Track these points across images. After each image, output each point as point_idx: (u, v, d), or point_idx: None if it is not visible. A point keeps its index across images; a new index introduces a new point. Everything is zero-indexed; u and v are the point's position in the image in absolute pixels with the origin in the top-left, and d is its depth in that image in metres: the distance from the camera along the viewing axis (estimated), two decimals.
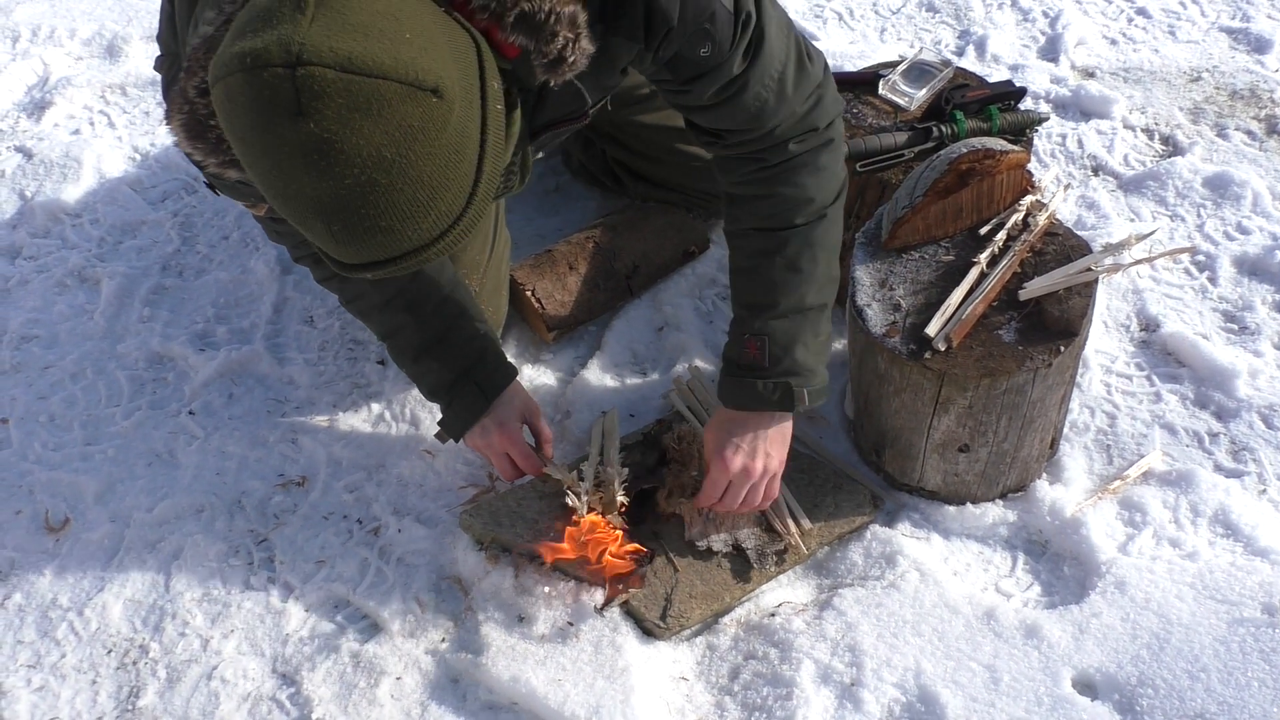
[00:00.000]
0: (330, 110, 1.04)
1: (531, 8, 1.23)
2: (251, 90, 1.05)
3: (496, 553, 1.87)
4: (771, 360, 1.71)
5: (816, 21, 3.01)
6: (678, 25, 1.43)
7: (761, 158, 1.67)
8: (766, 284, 1.72)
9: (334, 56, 1.03)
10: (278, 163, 1.08)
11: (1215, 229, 2.38)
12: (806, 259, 1.71)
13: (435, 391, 1.87)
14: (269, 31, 1.05)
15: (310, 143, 1.05)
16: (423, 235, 1.14)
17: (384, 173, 1.07)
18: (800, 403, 1.73)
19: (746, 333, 1.73)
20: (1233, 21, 2.92)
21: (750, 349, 1.72)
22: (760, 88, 1.58)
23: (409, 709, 1.73)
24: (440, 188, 1.12)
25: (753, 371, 1.72)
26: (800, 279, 1.71)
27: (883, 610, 1.77)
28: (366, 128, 1.05)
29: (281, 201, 1.13)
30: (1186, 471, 1.94)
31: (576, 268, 2.20)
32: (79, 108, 2.84)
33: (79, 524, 1.98)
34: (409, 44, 1.07)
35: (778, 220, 1.70)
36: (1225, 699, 1.64)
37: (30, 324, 2.32)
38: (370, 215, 1.09)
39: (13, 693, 1.77)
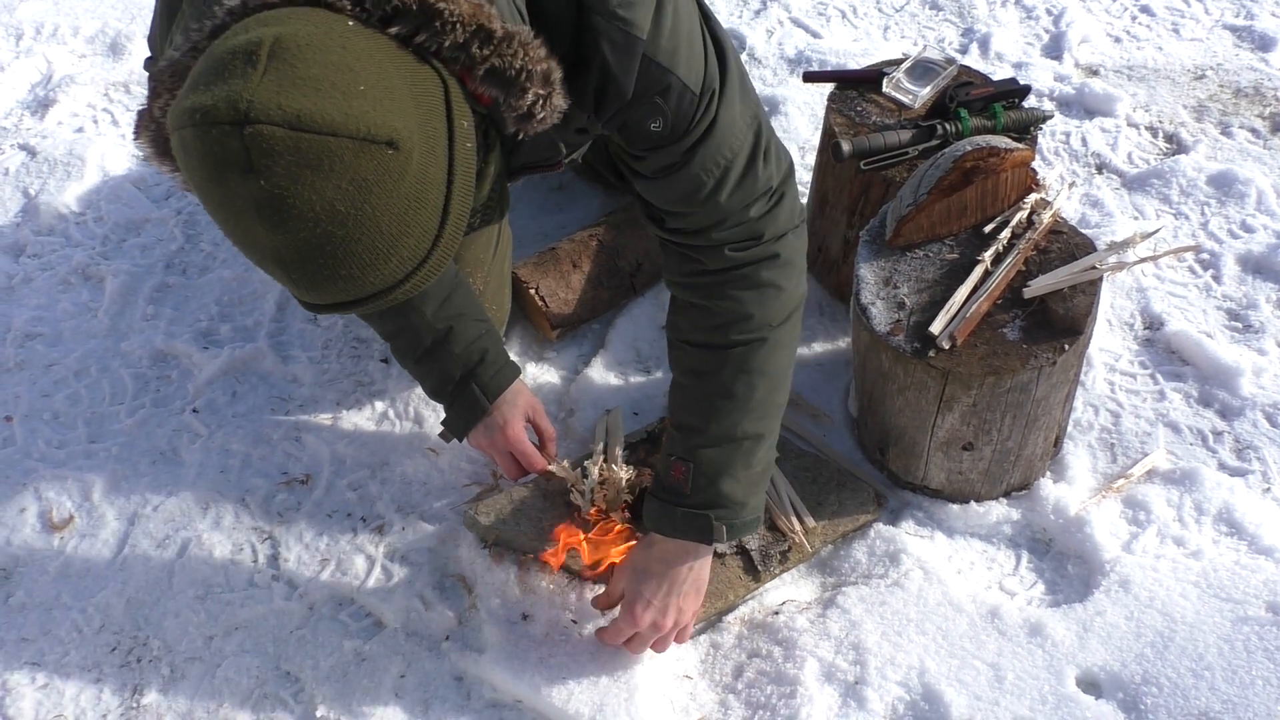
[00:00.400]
0: (280, 167, 1.02)
1: (502, 64, 1.20)
2: (203, 146, 1.04)
3: (500, 551, 1.87)
4: (695, 488, 1.62)
5: (820, 20, 3.01)
6: (629, 101, 1.40)
7: (699, 260, 1.60)
8: (698, 407, 1.63)
9: (282, 114, 1.02)
10: (233, 215, 1.07)
11: (1219, 227, 2.38)
12: (742, 385, 1.61)
13: (438, 391, 1.87)
14: (220, 86, 1.04)
15: (262, 199, 1.04)
16: (386, 279, 1.13)
17: (339, 225, 1.06)
18: (718, 537, 1.62)
19: (673, 454, 1.65)
20: (1237, 19, 2.92)
21: (675, 472, 1.64)
22: (700, 170, 1.51)
23: (412, 707, 1.73)
24: (400, 235, 1.10)
25: (674, 495, 1.64)
26: (733, 405, 1.61)
27: (887, 609, 1.77)
28: (318, 183, 1.03)
29: (242, 248, 1.12)
30: (1190, 470, 1.94)
31: (580, 265, 2.20)
32: (82, 105, 2.84)
33: (83, 521, 1.98)
34: (362, 96, 1.05)
35: (714, 336, 1.62)
36: (1229, 697, 1.64)
37: (34, 321, 2.33)
38: (329, 265, 1.08)
39: (17, 690, 1.77)
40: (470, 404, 1.83)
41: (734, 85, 1.50)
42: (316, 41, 1.06)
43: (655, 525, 1.67)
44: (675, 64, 1.40)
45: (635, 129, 1.47)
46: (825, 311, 2.25)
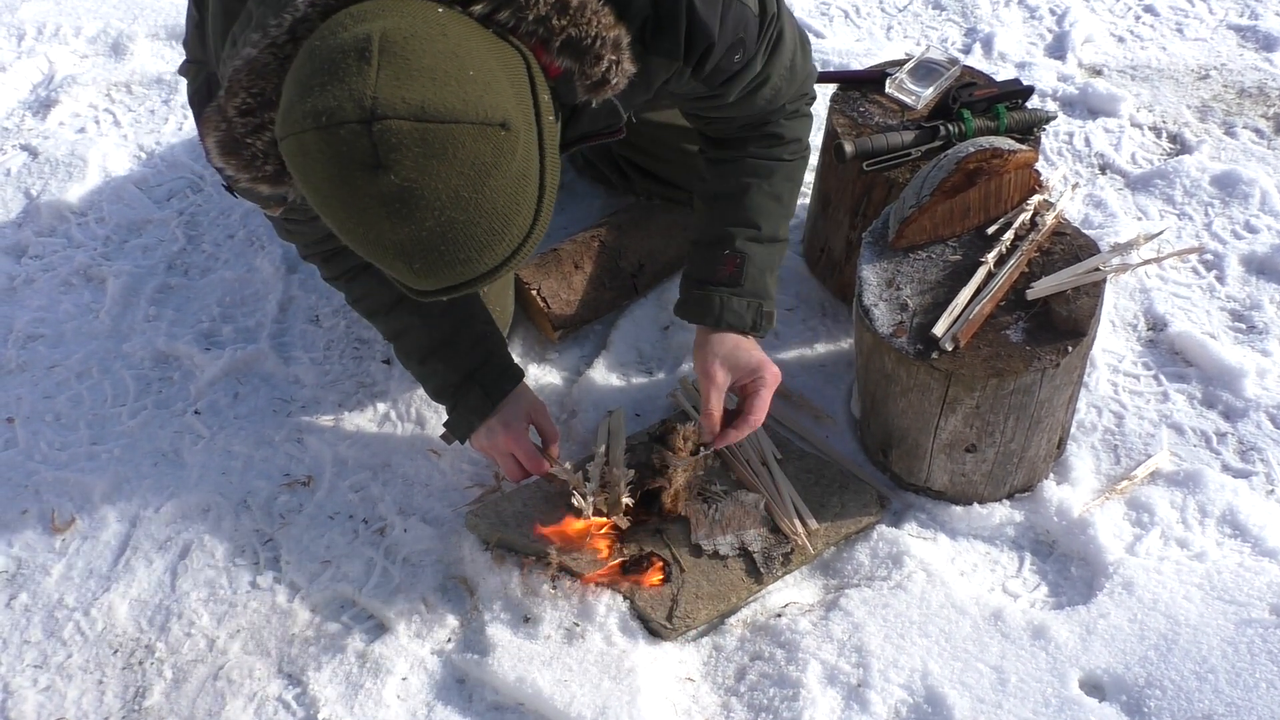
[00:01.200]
0: (408, 160, 1.06)
1: (578, 33, 1.25)
2: (328, 147, 1.07)
3: (502, 553, 1.87)
4: (747, 279, 1.77)
5: (822, 19, 3.01)
6: (717, 41, 1.46)
7: (765, 119, 1.79)
8: (751, 207, 1.79)
9: (407, 107, 1.05)
10: (357, 213, 1.10)
11: (1223, 228, 2.37)
12: (787, 192, 1.82)
13: (441, 393, 1.87)
14: (338, 86, 1.06)
15: (390, 193, 1.07)
16: (498, 258, 1.17)
17: (461, 210, 1.10)
18: (769, 324, 1.80)
19: (727, 249, 1.77)
20: (1241, 19, 2.91)
21: (728, 265, 1.77)
22: (777, 78, 1.68)
23: (415, 709, 1.72)
24: (512, 213, 1.15)
25: (726, 286, 1.77)
26: (779, 209, 1.81)
27: (889, 611, 1.77)
28: (443, 171, 1.07)
29: (360, 245, 1.15)
30: (1194, 471, 1.94)
31: (582, 266, 2.19)
32: (84, 106, 2.84)
33: (85, 523, 1.98)
34: (474, 82, 1.09)
35: (769, 153, 1.80)
36: (1233, 700, 1.64)
37: (36, 323, 2.32)
38: (449, 250, 1.12)
39: (19, 693, 1.77)
40: (474, 405, 1.83)
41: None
42: (420, 31, 1.09)
43: (708, 315, 1.78)
44: None
45: (719, 68, 1.55)
46: (828, 312, 2.25)
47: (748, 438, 1.97)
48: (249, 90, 1.21)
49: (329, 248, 1.78)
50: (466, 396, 1.83)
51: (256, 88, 1.21)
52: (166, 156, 2.67)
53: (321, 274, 1.88)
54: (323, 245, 1.78)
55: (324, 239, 1.75)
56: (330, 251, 1.78)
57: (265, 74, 1.20)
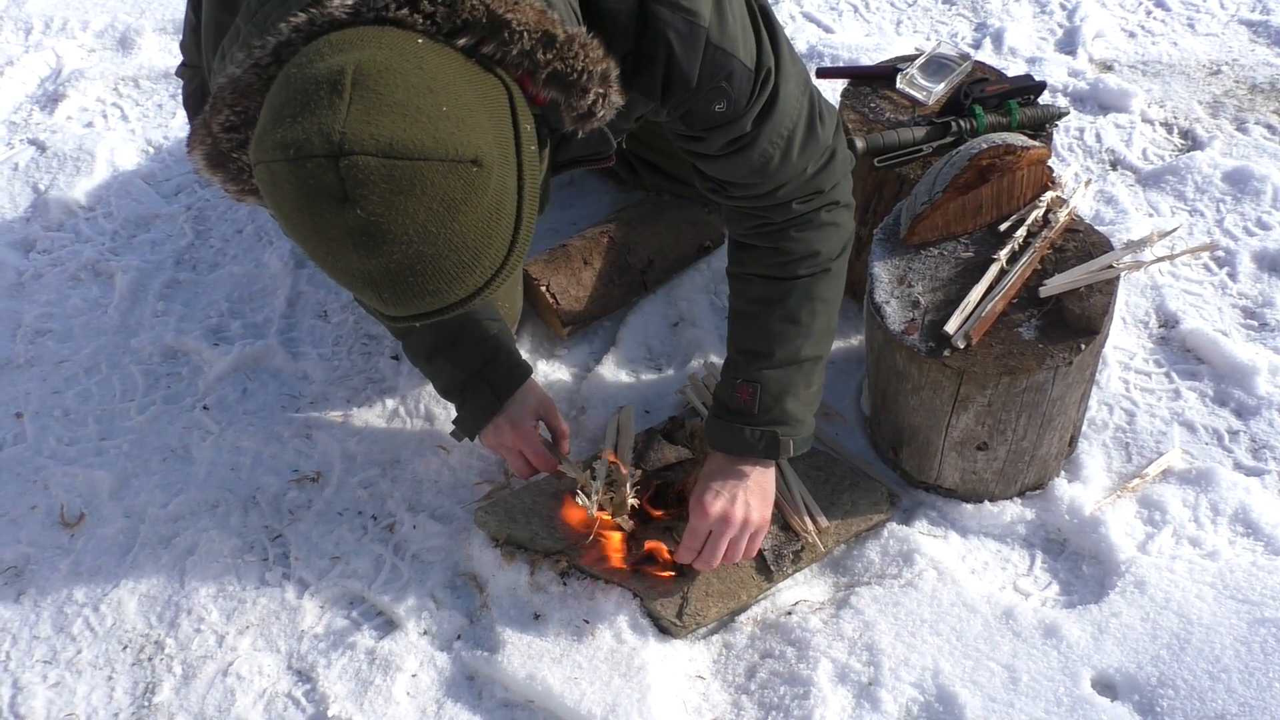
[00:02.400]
0: (375, 195, 1.05)
1: (564, 67, 1.23)
2: (295, 179, 1.06)
3: (512, 550, 1.87)
4: (761, 408, 1.71)
5: (832, 14, 2.99)
6: (695, 87, 1.44)
7: (765, 215, 1.68)
8: (764, 333, 1.72)
9: (375, 144, 1.04)
10: (325, 242, 1.10)
11: (1235, 224, 2.36)
12: (806, 312, 1.71)
13: (449, 390, 1.86)
14: (309, 119, 1.05)
15: (357, 227, 1.07)
16: (469, 289, 1.16)
17: (430, 245, 1.09)
18: (785, 452, 1.73)
19: (740, 378, 1.73)
20: (1253, 14, 2.90)
21: (742, 394, 1.72)
22: (768, 144, 1.57)
23: (424, 706, 1.72)
24: (484, 246, 1.14)
25: (741, 417, 1.72)
26: (798, 331, 1.71)
27: (900, 609, 1.77)
28: (411, 207, 1.06)
29: (330, 272, 1.15)
30: (1206, 470, 1.93)
31: (591, 263, 2.19)
32: (92, 100, 2.84)
33: (94, 519, 1.98)
34: (446, 118, 1.07)
35: (781, 270, 1.70)
36: (1246, 700, 1.63)
37: (44, 318, 2.32)
38: (418, 283, 1.12)
39: (29, 688, 1.77)
40: (481, 402, 1.82)
41: (786, 58, 1.54)
42: (395, 65, 1.08)
43: (723, 446, 1.75)
44: (736, 48, 1.43)
45: (700, 113, 1.50)
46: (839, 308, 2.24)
47: None
48: (233, 108, 1.21)
49: None
50: (474, 394, 1.82)
51: (240, 105, 1.21)
52: (174, 151, 2.67)
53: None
54: None
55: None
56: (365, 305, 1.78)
57: (249, 93, 1.20)
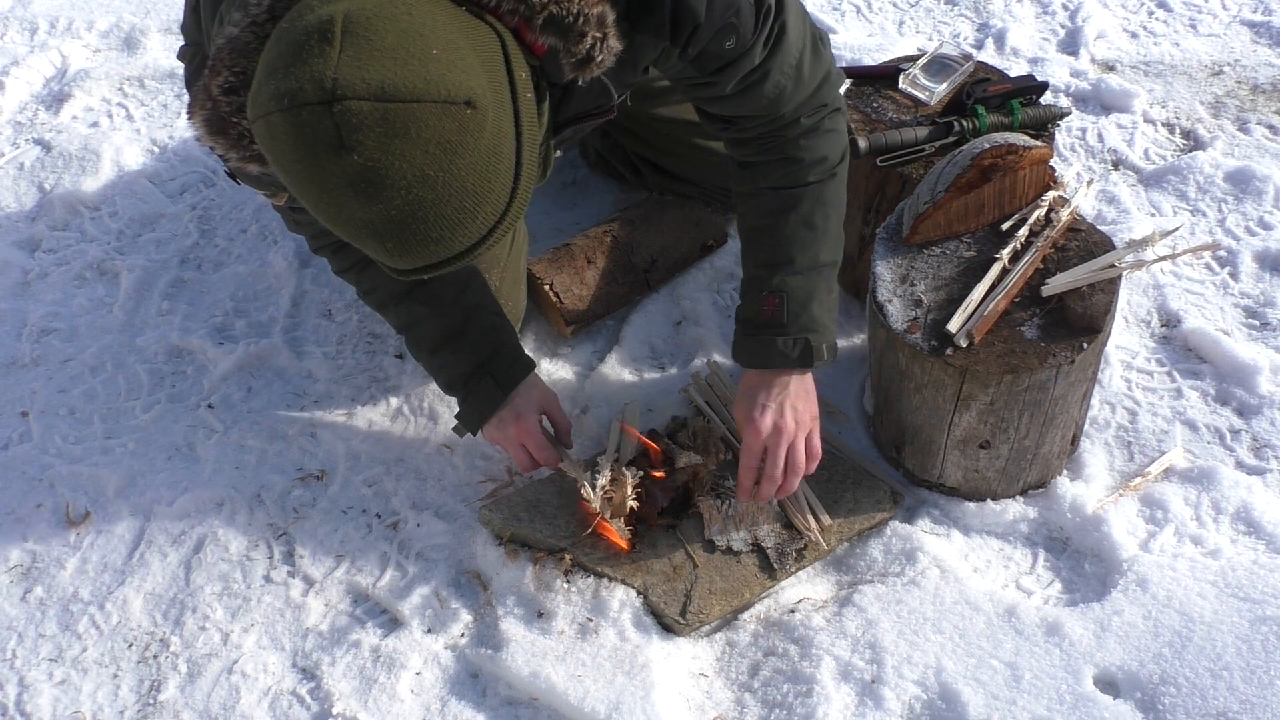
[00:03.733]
0: (370, 140, 1.07)
1: (560, 10, 1.25)
2: (292, 128, 1.08)
3: (516, 548, 1.87)
4: (790, 317, 1.73)
5: (835, 14, 3.00)
6: (704, 22, 1.44)
7: (776, 135, 1.72)
8: (783, 241, 1.74)
9: (367, 88, 1.06)
10: (327, 193, 1.11)
11: (1237, 224, 2.37)
12: (819, 216, 1.74)
13: (452, 384, 1.87)
14: (301, 69, 1.07)
15: (355, 173, 1.08)
16: (473, 235, 1.17)
17: (429, 189, 1.10)
18: (819, 358, 1.74)
19: (765, 290, 1.74)
20: (1254, 15, 2.90)
21: (768, 306, 1.73)
22: (780, 75, 1.61)
23: (429, 704, 1.73)
24: (484, 190, 1.15)
25: (771, 329, 1.73)
26: (815, 235, 1.74)
27: (903, 607, 1.77)
28: (407, 150, 1.08)
29: (333, 225, 1.16)
30: (1208, 468, 1.93)
31: (594, 262, 2.20)
32: (97, 100, 2.84)
33: (99, 517, 1.99)
34: (437, 60, 1.09)
35: (792, 179, 1.73)
36: (1248, 697, 1.63)
37: (50, 317, 2.33)
38: (421, 229, 1.13)
39: (35, 686, 1.78)
40: (485, 395, 1.82)
41: None
42: (384, 12, 1.09)
43: (758, 361, 1.75)
44: None
45: (711, 54, 1.52)
46: (841, 308, 2.25)
47: None
48: (231, 69, 1.22)
49: (337, 239, 1.76)
50: (478, 387, 1.83)
51: (239, 66, 1.22)
52: (179, 151, 2.68)
53: (331, 267, 1.88)
54: (331, 236, 1.77)
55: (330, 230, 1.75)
56: (339, 243, 1.78)
57: (246, 53, 1.21)
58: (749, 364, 1.77)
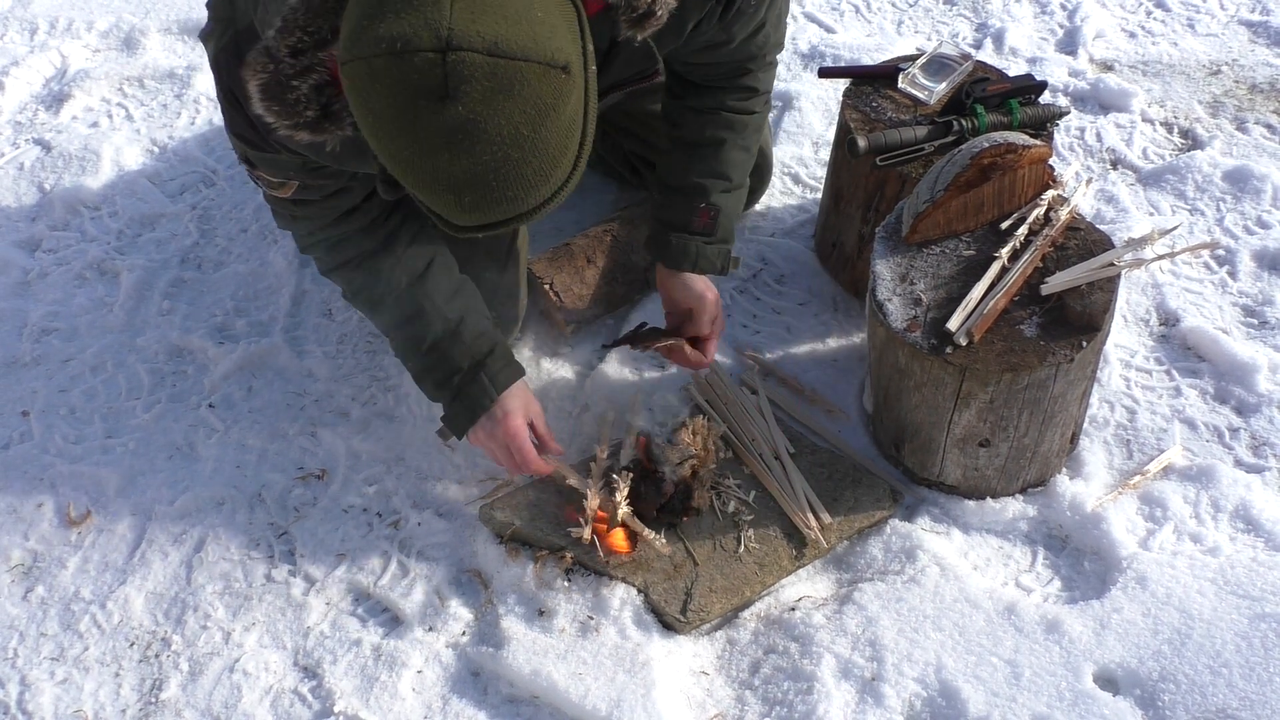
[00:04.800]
0: (476, 93, 1.09)
1: None
2: (398, 73, 1.09)
3: (517, 546, 1.88)
4: (720, 229, 1.91)
5: (834, 14, 3.01)
6: None
7: (744, 66, 1.85)
8: (725, 160, 1.89)
9: (482, 41, 1.08)
10: (416, 142, 1.12)
11: (1235, 223, 2.37)
12: (753, 142, 1.93)
13: (442, 384, 1.83)
14: (414, 15, 1.08)
15: (454, 124, 1.10)
16: (540, 198, 1.21)
17: (518, 149, 1.13)
18: (734, 267, 1.98)
19: (703, 201, 1.89)
20: (1252, 15, 2.91)
21: (703, 217, 1.90)
22: (770, 25, 1.77)
23: (430, 702, 1.73)
24: (561, 155, 1.18)
25: (702, 236, 1.91)
26: (746, 159, 1.93)
27: (903, 605, 1.77)
28: (507, 108, 1.10)
29: (411, 175, 1.18)
30: (1207, 467, 1.94)
31: (594, 261, 2.20)
32: (97, 100, 2.85)
33: (100, 517, 1.99)
34: (541, 23, 1.12)
35: (745, 106, 1.88)
36: (1247, 694, 1.64)
37: (50, 317, 2.33)
38: (500, 188, 1.16)
39: (36, 685, 1.78)
40: (477, 395, 1.81)
41: None
42: None
43: (688, 263, 1.92)
44: None
45: (741, 10, 1.63)
46: (840, 307, 2.25)
47: (760, 432, 1.99)
48: (305, 29, 1.24)
49: (336, 233, 1.75)
50: (472, 385, 1.81)
51: (314, 26, 1.24)
52: (179, 151, 2.68)
53: (321, 265, 1.85)
54: (330, 231, 1.75)
55: (333, 222, 1.73)
56: (337, 238, 1.76)
57: (323, 13, 1.23)
58: (676, 265, 1.92)
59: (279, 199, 1.70)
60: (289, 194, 1.65)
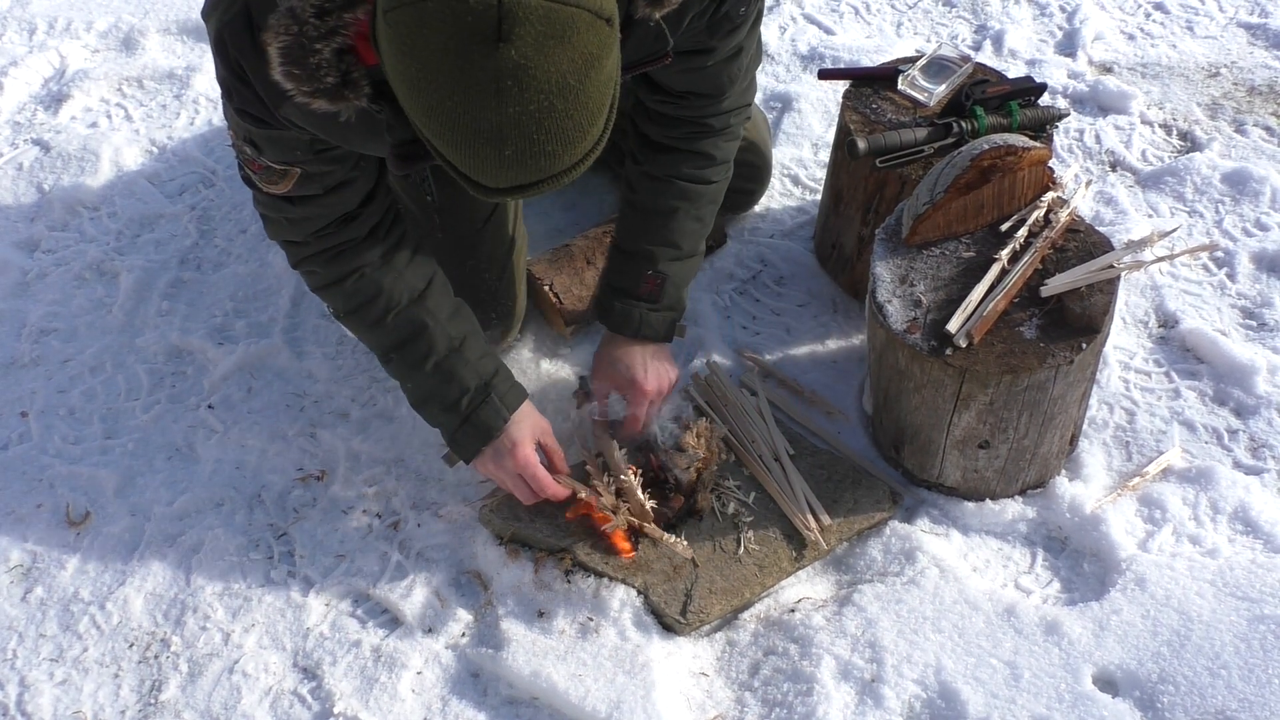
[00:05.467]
0: (530, 36, 1.09)
1: None
2: (451, 15, 1.09)
3: (516, 547, 1.88)
4: (665, 297, 1.90)
5: (833, 15, 3.01)
6: None
7: (706, 124, 1.82)
8: (675, 230, 1.87)
9: None
10: (463, 89, 1.12)
11: (1234, 225, 2.38)
12: (708, 213, 1.91)
13: (450, 408, 1.78)
14: None
15: (505, 68, 1.10)
16: (574, 158, 1.21)
17: (563, 99, 1.13)
18: (679, 335, 1.98)
19: (649, 269, 1.88)
20: (1251, 17, 2.91)
21: (649, 284, 1.88)
22: (746, 58, 1.75)
23: (430, 703, 1.73)
24: (598, 112, 1.19)
25: (646, 303, 1.89)
26: (700, 229, 1.91)
27: (903, 606, 1.78)
28: (558, 54, 1.10)
29: (450, 127, 1.16)
30: (1206, 468, 1.94)
31: (594, 262, 2.20)
32: (96, 100, 2.84)
33: (99, 518, 1.99)
34: None
35: (700, 176, 1.86)
36: (1246, 696, 1.64)
37: (49, 317, 2.33)
38: (542, 139, 1.15)
39: (36, 686, 1.78)
40: (489, 418, 1.77)
41: None
42: None
43: (630, 329, 1.90)
44: None
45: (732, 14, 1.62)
46: (840, 308, 2.25)
47: (760, 433, 1.99)
48: None
49: (334, 243, 1.70)
50: (481, 409, 1.77)
51: None
52: (178, 151, 2.68)
53: (315, 280, 1.77)
54: (327, 240, 1.69)
55: (332, 228, 1.67)
56: (335, 250, 1.71)
57: None
58: (618, 330, 1.91)
59: (275, 198, 1.64)
60: (288, 187, 1.60)
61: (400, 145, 1.37)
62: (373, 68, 1.28)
